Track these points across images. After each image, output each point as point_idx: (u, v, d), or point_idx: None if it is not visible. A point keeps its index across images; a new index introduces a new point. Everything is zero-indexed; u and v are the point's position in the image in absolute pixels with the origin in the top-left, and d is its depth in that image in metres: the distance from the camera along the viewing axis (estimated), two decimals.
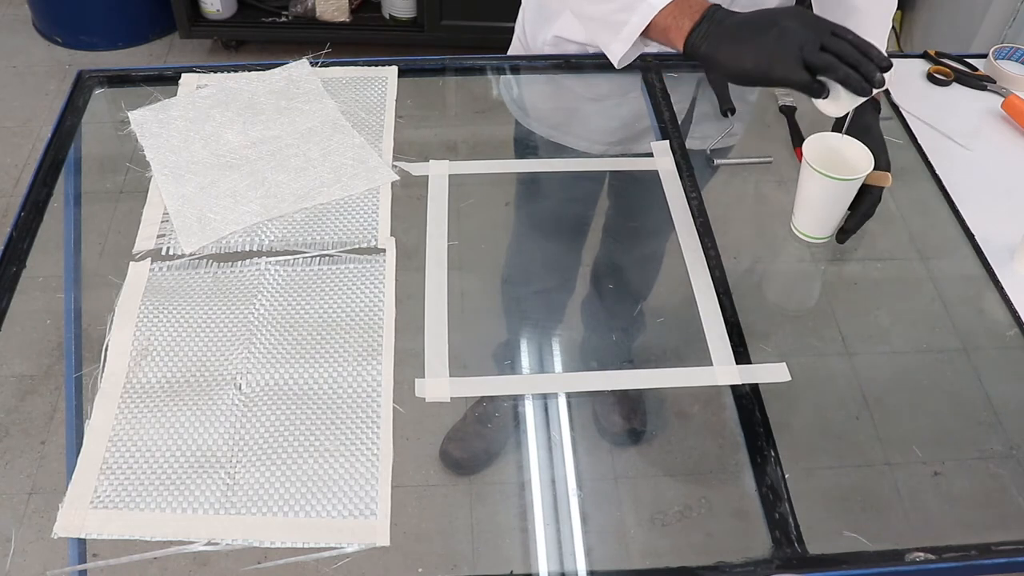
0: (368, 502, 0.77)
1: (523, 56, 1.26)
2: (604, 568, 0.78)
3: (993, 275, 1.00)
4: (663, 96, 1.17)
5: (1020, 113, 1.21)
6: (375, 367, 0.86)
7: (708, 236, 1.01)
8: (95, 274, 0.97)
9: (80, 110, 1.13)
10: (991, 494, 0.85)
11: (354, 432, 0.81)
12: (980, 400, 0.93)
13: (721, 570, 0.74)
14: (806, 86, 0.87)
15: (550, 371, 0.94)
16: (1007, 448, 0.87)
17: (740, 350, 0.89)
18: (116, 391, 0.83)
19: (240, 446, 0.80)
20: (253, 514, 0.76)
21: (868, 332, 0.98)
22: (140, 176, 1.05)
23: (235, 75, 1.18)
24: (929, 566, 0.74)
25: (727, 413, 0.86)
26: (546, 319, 1.03)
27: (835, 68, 0.85)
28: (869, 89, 0.85)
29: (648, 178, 1.10)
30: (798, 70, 0.86)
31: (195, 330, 0.89)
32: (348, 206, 1.02)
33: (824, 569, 0.74)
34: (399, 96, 1.17)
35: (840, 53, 0.85)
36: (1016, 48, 1.30)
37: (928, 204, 1.09)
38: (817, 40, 0.86)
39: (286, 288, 0.93)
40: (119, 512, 0.75)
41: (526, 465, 0.86)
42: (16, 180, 2.32)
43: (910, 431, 0.90)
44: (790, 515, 0.77)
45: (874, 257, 1.04)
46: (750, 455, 0.82)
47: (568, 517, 0.81)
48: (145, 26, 2.80)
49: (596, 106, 1.22)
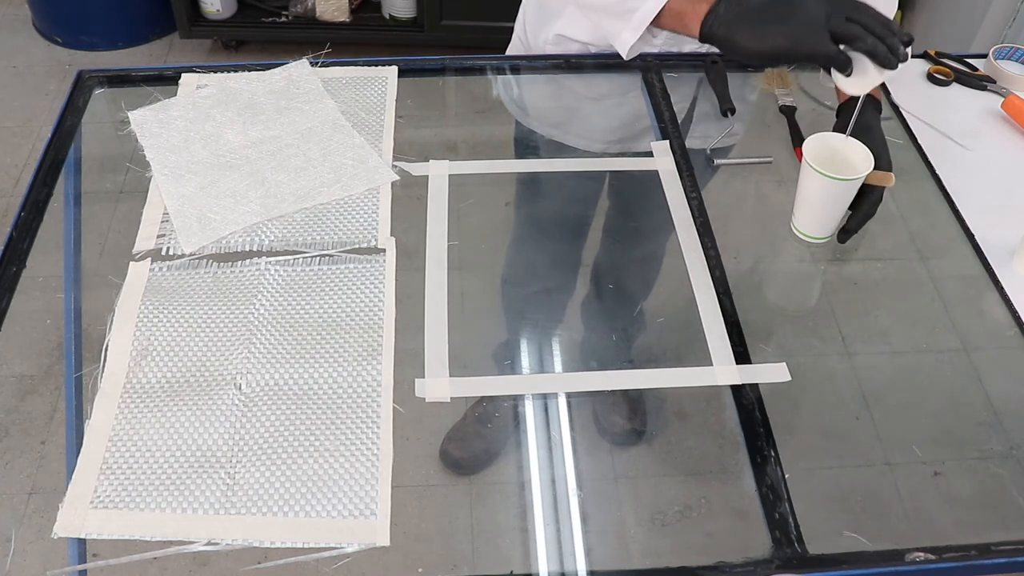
0: (368, 502, 0.77)
1: (523, 56, 1.26)
2: (604, 568, 0.78)
3: (993, 275, 1.00)
4: (663, 96, 1.17)
5: (1020, 113, 1.21)
6: (375, 367, 0.86)
7: (708, 236, 1.01)
8: (95, 274, 0.97)
9: (80, 110, 1.13)
10: (991, 494, 0.85)
11: (354, 432, 0.81)
12: (980, 400, 0.93)
13: (721, 570, 0.74)
14: (834, 58, 0.85)
15: (550, 371, 0.94)
16: (1007, 448, 0.87)
17: (740, 350, 0.89)
18: (116, 391, 0.83)
19: (240, 446, 0.80)
20: (253, 514, 0.76)
21: (868, 332, 0.99)
22: (140, 176, 1.05)
23: (235, 75, 1.18)
24: (929, 566, 0.74)
25: (727, 413, 0.86)
26: (546, 319, 1.03)
27: (863, 38, 0.84)
28: (895, 62, 0.85)
29: (648, 178, 1.10)
30: (826, 42, 0.85)
31: (195, 330, 0.89)
32: (348, 206, 1.02)
33: (824, 569, 0.74)
34: (399, 96, 1.17)
35: (866, 25, 0.85)
36: (1016, 48, 1.30)
37: (928, 204, 1.09)
38: (842, 12, 0.85)
39: (286, 288, 0.93)
40: (119, 512, 0.75)
41: (526, 465, 0.86)
42: (16, 180, 2.32)
43: (910, 431, 0.90)
44: (790, 515, 0.77)
45: (874, 257, 1.04)
46: (750, 455, 0.82)
47: (568, 517, 0.81)
48: (145, 26, 2.80)
49: (596, 105, 1.22)
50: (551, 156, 1.18)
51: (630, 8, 0.97)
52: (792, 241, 1.03)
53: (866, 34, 0.85)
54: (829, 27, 0.85)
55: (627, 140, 1.20)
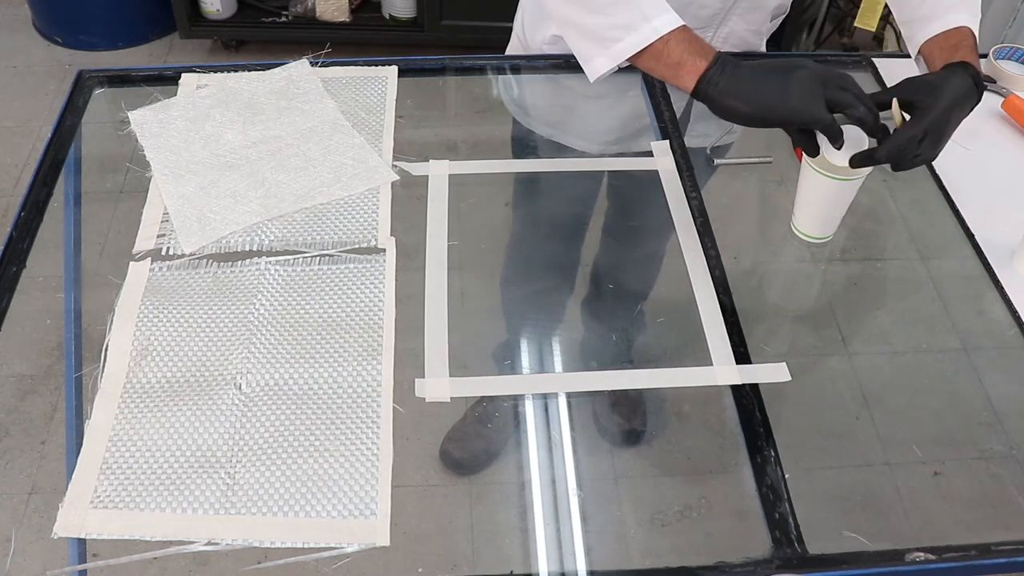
0: (368, 502, 0.77)
1: (523, 56, 1.26)
2: (604, 568, 0.78)
3: (993, 275, 1.00)
4: (663, 96, 1.17)
5: (1020, 113, 1.21)
6: (375, 367, 0.86)
7: (708, 236, 1.01)
8: (95, 274, 0.97)
9: (80, 110, 1.13)
10: (991, 494, 0.85)
11: (354, 432, 0.81)
12: (980, 400, 0.93)
13: (721, 570, 0.74)
14: (828, 127, 0.86)
15: (550, 371, 0.94)
16: (1007, 448, 0.87)
17: (740, 350, 0.89)
18: (116, 391, 0.83)
19: (240, 446, 0.80)
20: (253, 514, 0.76)
21: (868, 332, 0.99)
22: (140, 176, 1.05)
23: (235, 75, 1.18)
24: (929, 566, 0.74)
25: (727, 413, 0.86)
26: (546, 319, 1.03)
27: (855, 106, 0.85)
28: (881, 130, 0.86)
29: (648, 178, 1.10)
30: (823, 110, 0.85)
31: (195, 330, 0.89)
32: (348, 206, 1.02)
33: (824, 569, 0.74)
34: (399, 96, 1.17)
35: (857, 95, 0.86)
36: (1016, 48, 1.30)
37: (928, 204, 1.09)
38: (834, 81, 0.86)
39: (286, 288, 0.93)
40: (119, 512, 0.75)
41: (526, 465, 0.86)
42: (16, 180, 2.32)
43: (910, 431, 0.90)
44: (790, 515, 0.77)
45: (874, 257, 1.04)
46: (750, 455, 0.82)
47: (568, 517, 0.81)
48: (145, 26, 2.80)
49: (596, 105, 1.22)
50: (550, 156, 1.18)
51: (613, 37, 0.93)
52: (792, 241, 1.03)
53: (858, 103, 0.85)
54: (825, 95, 0.85)
55: (627, 140, 1.20)
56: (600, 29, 0.94)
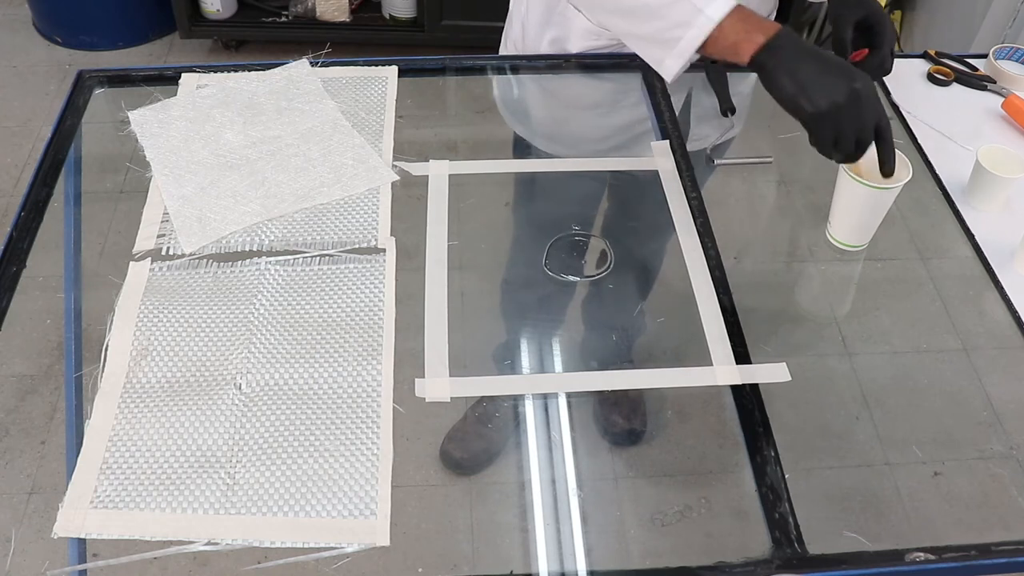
0: (368, 502, 0.77)
1: (523, 56, 1.26)
2: (604, 568, 0.78)
3: (993, 275, 1.00)
4: (663, 96, 1.17)
5: (1020, 113, 1.21)
6: (375, 367, 0.86)
7: (708, 236, 1.01)
8: (95, 274, 0.97)
9: (80, 110, 1.13)
10: (991, 494, 0.85)
11: (354, 432, 0.81)
12: (980, 400, 0.93)
13: (721, 570, 0.74)
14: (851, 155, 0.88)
15: (550, 371, 0.94)
16: (1007, 448, 0.87)
17: (740, 350, 0.89)
18: (116, 391, 0.83)
19: (240, 446, 0.80)
20: (253, 514, 0.76)
21: (868, 332, 0.99)
22: (140, 176, 1.05)
23: (235, 75, 1.18)
24: (929, 566, 0.74)
25: (727, 413, 0.86)
26: (546, 319, 1.03)
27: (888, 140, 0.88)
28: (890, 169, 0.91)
29: (648, 178, 1.10)
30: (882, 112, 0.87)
31: (195, 330, 0.89)
32: (348, 206, 1.02)
33: (824, 569, 0.74)
34: (399, 96, 1.17)
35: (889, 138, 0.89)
36: (1016, 48, 1.30)
37: (928, 204, 1.09)
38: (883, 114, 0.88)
39: (286, 288, 0.93)
40: (119, 512, 0.75)
41: (526, 465, 0.86)
42: (16, 180, 2.32)
43: (910, 431, 0.90)
44: (790, 515, 0.77)
45: (874, 257, 1.04)
46: (750, 455, 0.82)
47: (568, 517, 0.81)
48: (145, 26, 2.80)
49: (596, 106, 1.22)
50: (550, 156, 1.17)
51: (675, 37, 0.94)
52: (792, 241, 1.04)
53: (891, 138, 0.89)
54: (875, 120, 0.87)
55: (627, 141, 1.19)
56: (659, 33, 0.95)
